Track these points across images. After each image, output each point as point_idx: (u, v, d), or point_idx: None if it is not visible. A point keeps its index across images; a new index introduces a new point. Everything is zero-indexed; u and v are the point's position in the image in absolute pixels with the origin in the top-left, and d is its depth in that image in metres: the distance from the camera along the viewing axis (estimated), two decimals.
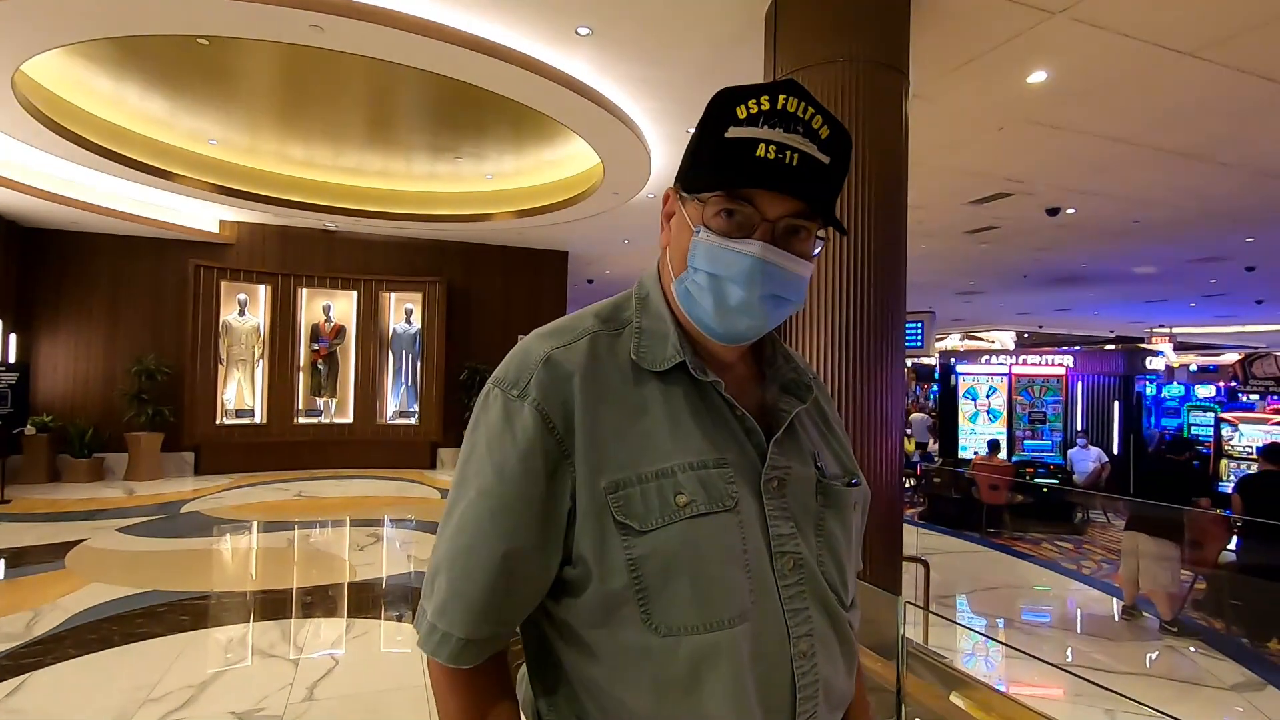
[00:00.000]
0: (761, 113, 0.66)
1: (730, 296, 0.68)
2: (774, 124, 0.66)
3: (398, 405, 9.54)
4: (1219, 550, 5.44)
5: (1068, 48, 3.79)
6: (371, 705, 2.96)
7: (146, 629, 3.68)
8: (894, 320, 3.05)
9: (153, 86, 5.64)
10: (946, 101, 4.52)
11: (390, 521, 6.49)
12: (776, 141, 0.65)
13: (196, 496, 7.26)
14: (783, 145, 0.65)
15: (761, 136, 0.66)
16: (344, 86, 5.59)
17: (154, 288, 8.57)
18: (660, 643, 0.64)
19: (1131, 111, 4.61)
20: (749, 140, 0.66)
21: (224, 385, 8.65)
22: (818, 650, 0.69)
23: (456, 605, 0.67)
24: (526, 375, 0.69)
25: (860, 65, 2.99)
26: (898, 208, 3.09)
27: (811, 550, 0.72)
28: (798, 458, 0.75)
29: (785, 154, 0.65)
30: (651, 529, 0.64)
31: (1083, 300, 13.47)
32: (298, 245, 9.09)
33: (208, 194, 7.27)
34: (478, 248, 9.84)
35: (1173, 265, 9.69)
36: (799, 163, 0.66)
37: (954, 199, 6.84)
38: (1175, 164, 5.58)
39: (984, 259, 9.68)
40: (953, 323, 18.32)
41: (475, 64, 4.17)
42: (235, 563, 5.27)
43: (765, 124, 0.66)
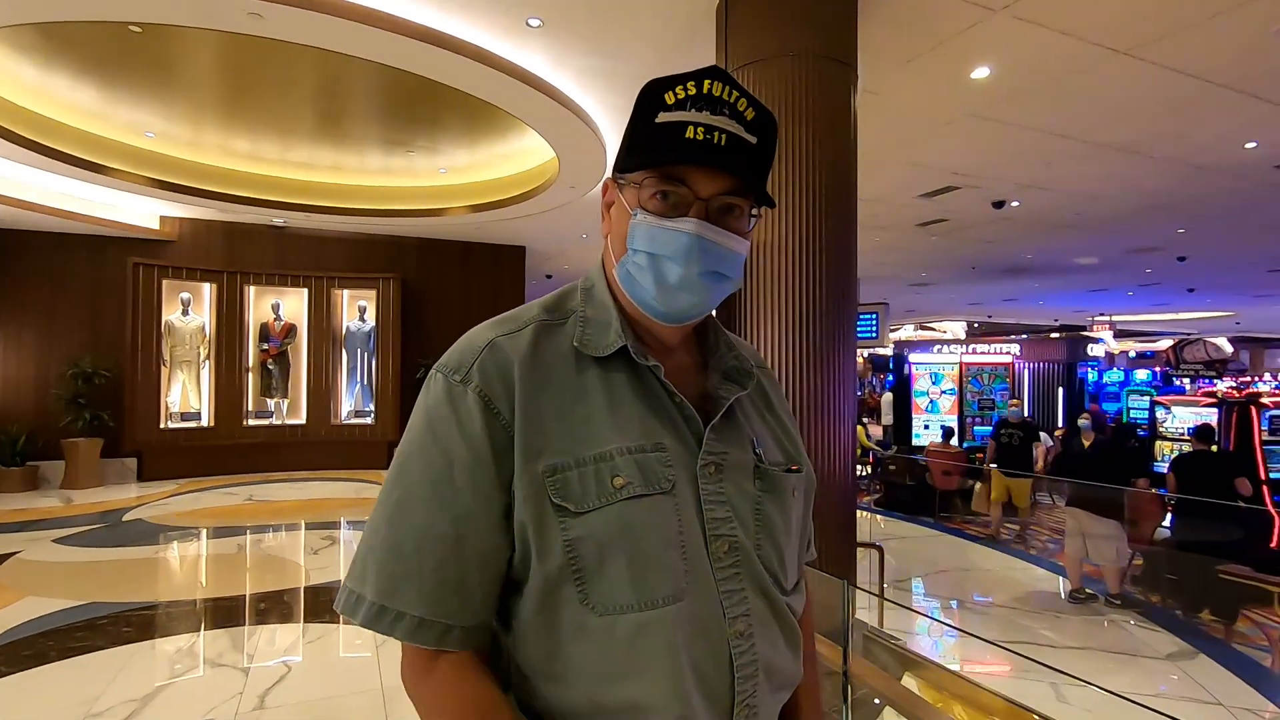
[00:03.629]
0: (689, 97, 0.69)
1: (669, 274, 0.71)
2: (701, 107, 0.69)
3: (353, 405, 9.33)
4: (1154, 527, 5.70)
5: (1010, 44, 3.90)
6: (326, 711, 2.90)
7: (86, 642, 3.52)
8: (846, 311, 3.10)
9: (84, 76, 5.38)
10: (895, 96, 4.61)
11: (347, 524, 6.35)
12: (704, 123, 0.68)
13: (140, 504, 6.98)
14: (711, 126, 0.68)
15: (690, 119, 0.68)
16: (291, 78, 5.42)
17: (91, 287, 8.20)
18: (598, 622, 0.65)
19: (1071, 107, 4.77)
20: (678, 123, 0.69)
21: (168, 388, 8.32)
22: (756, 631, 0.71)
23: (409, 586, 0.65)
24: (470, 360, 0.70)
25: (809, 59, 3.03)
26: (848, 200, 3.14)
27: (749, 535, 0.73)
28: (736, 444, 0.77)
29: (714, 134, 0.68)
30: (588, 510, 0.66)
31: (1028, 290, 13.93)
32: (244, 242, 8.79)
33: (146, 189, 6.98)
34: (433, 243, 9.67)
35: (1111, 256, 10.09)
36: (727, 142, 0.69)
37: (905, 192, 6.99)
38: (1113, 158, 5.80)
39: (935, 251, 9.93)
40: (906, 314, 18.76)
41: (424, 55, 4.09)
42: (183, 571, 5.09)
43: (693, 107, 0.69)
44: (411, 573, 0.66)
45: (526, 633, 0.68)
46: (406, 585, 0.65)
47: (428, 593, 0.65)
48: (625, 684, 0.64)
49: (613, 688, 0.65)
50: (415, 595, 0.65)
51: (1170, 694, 3.75)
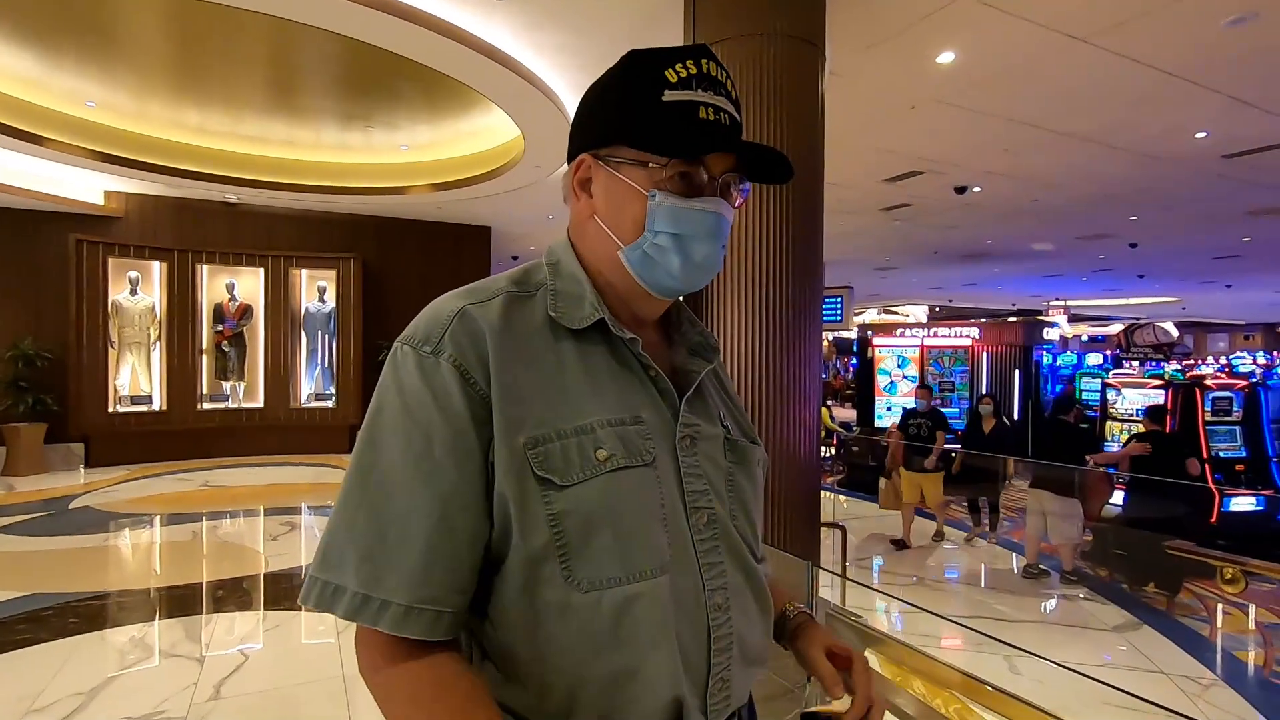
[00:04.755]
0: (692, 76, 0.70)
1: (696, 253, 0.72)
2: (706, 87, 0.70)
3: (313, 388, 9.11)
4: (1102, 504, 5.91)
5: (975, 29, 3.93)
6: (285, 699, 2.84)
7: (28, 634, 3.39)
8: (812, 293, 3.11)
9: (16, 39, 5.07)
10: (862, 79, 4.62)
11: (307, 509, 6.22)
12: (713, 104, 0.70)
13: (87, 491, 6.73)
14: (718, 107, 0.70)
15: (699, 100, 0.70)
16: (242, 47, 5.19)
17: (29, 265, 7.80)
18: (582, 599, 0.63)
19: (1032, 95, 4.84)
20: (689, 103, 0.69)
21: (116, 370, 8.00)
22: (732, 604, 0.71)
23: (394, 572, 0.61)
24: (439, 331, 0.67)
25: (778, 39, 3.00)
26: (814, 182, 3.14)
27: (725, 506, 0.74)
28: (706, 417, 0.78)
29: (721, 115, 0.70)
30: (573, 483, 0.64)
31: (988, 275, 14.25)
32: (196, 219, 8.46)
33: (88, 161, 6.64)
34: (394, 222, 9.44)
35: (1066, 242, 10.36)
36: (730, 123, 0.71)
37: (870, 176, 7.05)
38: (1071, 146, 5.92)
39: (898, 235, 10.07)
40: (870, 297, 19.04)
41: (384, 26, 3.94)
42: (134, 559, 4.93)
43: (699, 88, 0.70)
44: (397, 558, 0.62)
45: (503, 615, 0.65)
46: (391, 572, 0.61)
47: (416, 578, 0.61)
48: (613, 655, 0.63)
49: (599, 661, 0.63)
50: (402, 582, 0.61)
51: (1116, 664, 3.91)
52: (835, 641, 0.83)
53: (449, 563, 0.63)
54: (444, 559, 0.62)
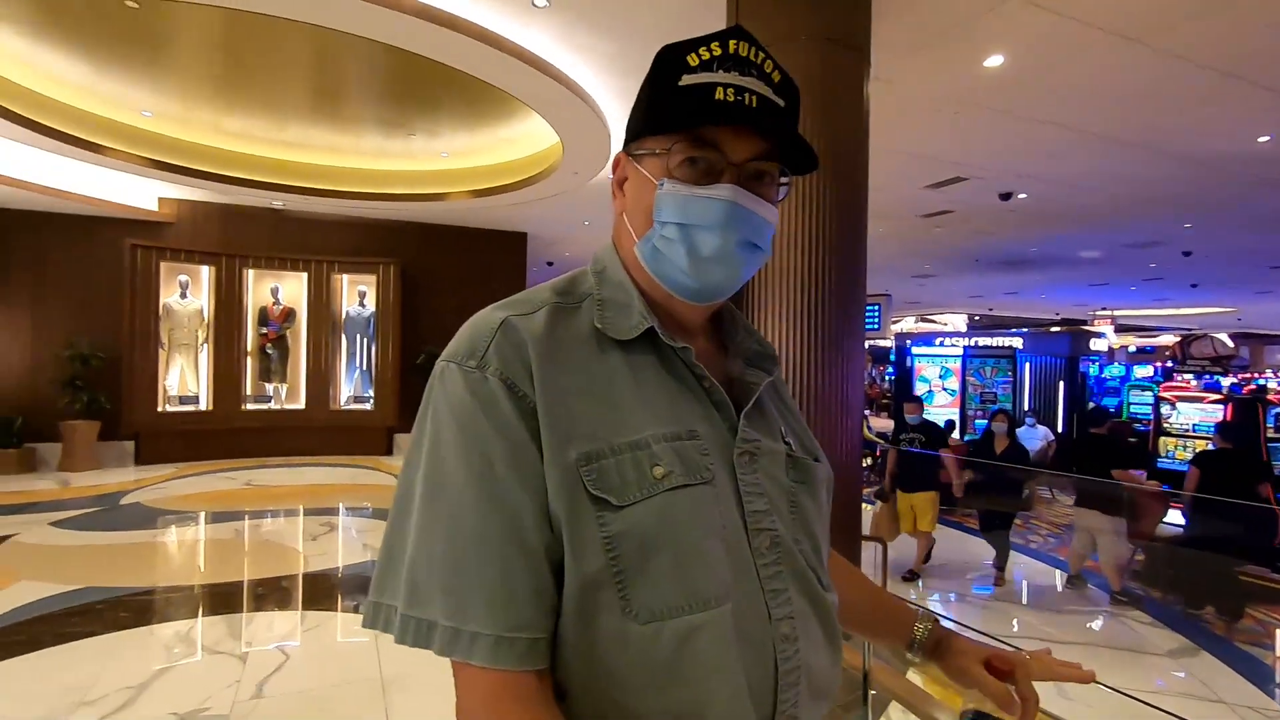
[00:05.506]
0: (715, 58, 0.65)
1: (703, 246, 0.66)
2: (729, 68, 0.65)
3: (352, 390, 9.28)
4: (1156, 522, 5.68)
5: (1024, 32, 3.82)
6: (324, 700, 2.87)
7: (81, 628, 3.49)
8: (854, 302, 3.05)
9: (78, 52, 5.28)
10: (905, 84, 4.53)
11: (345, 510, 6.33)
12: (734, 84, 0.64)
13: (138, 487, 6.95)
14: (740, 88, 0.64)
15: (718, 80, 0.64)
16: (289, 56, 5.32)
17: (86, 269, 8.11)
18: (640, 630, 0.59)
19: (1083, 98, 4.70)
20: (706, 85, 0.64)
21: (165, 371, 8.26)
22: (800, 634, 0.66)
23: (478, 601, 0.58)
24: (483, 344, 0.64)
25: (822, 43, 2.95)
26: (858, 188, 3.08)
27: (787, 528, 0.69)
28: (767, 432, 0.73)
29: (744, 96, 0.64)
30: (629, 503, 0.60)
31: (1031, 283, 13.88)
32: (243, 224, 8.70)
33: (143, 169, 6.88)
34: (433, 228, 9.58)
35: (1115, 250, 10.03)
36: (758, 104, 0.65)
37: (910, 182, 6.92)
38: (1123, 151, 5.73)
39: (938, 242, 9.87)
40: (908, 305, 18.71)
41: (425, 34, 4.00)
42: (180, 556, 5.06)
43: (720, 68, 0.65)
44: (477, 586, 0.58)
45: (563, 642, 0.61)
46: (475, 601, 0.58)
47: (500, 605, 0.58)
48: (674, 690, 0.59)
49: (660, 696, 0.59)
50: (487, 610, 0.57)
51: (1171, 690, 3.74)
52: (995, 652, 0.79)
53: (531, 582, 0.59)
54: (525, 579, 0.59)
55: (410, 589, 0.60)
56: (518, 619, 0.58)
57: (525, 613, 0.58)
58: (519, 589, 0.58)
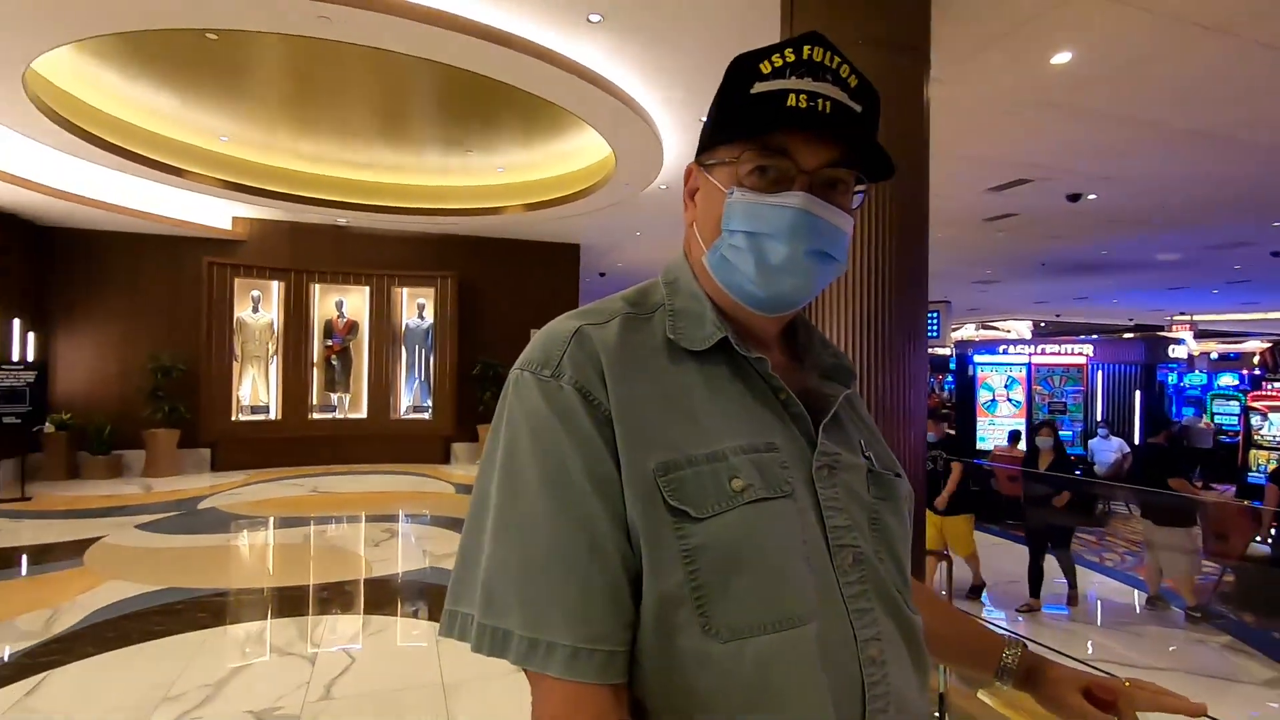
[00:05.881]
0: (788, 64, 0.64)
1: (772, 254, 0.65)
2: (802, 74, 0.64)
3: (411, 400, 9.54)
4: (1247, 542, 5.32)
5: (1093, 26, 3.68)
6: (388, 703, 2.94)
7: (164, 626, 3.68)
8: (916, 310, 2.97)
9: (163, 82, 5.63)
10: (966, 85, 4.41)
11: (405, 517, 6.49)
12: (807, 90, 0.63)
13: (213, 492, 7.30)
14: (814, 94, 0.63)
15: (791, 87, 0.63)
16: (353, 80, 5.55)
17: (168, 285, 8.61)
18: (722, 650, 0.57)
19: (1157, 92, 4.48)
20: (778, 92, 0.63)
21: (239, 382, 8.69)
22: (888, 657, 0.63)
23: (554, 611, 0.57)
24: (558, 353, 0.63)
25: (880, 48, 2.90)
26: (919, 194, 3.01)
27: (869, 545, 0.67)
28: (846, 446, 0.71)
29: (817, 102, 0.63)
30: (709, 515, 0.59)
31: (1102, 288, 13.25)
32: (310, 241, 9.09)
33: (220, 191, 7.28)
34: (489, 241, 9.80)
35: (1195, 251, 9.49)
36: (832, 110, 0.63)
37: (971, 186, 6.72)
38: (1200, 147, 5.43)
39: (1001, 247, 9.53)
40: (968, 312, 18.12)
41: (485, 54, 4.11)
42: (252, 559, 5.29)
43: (793, 74, 0.64)
44: (554, 596, 0.57)
45: (641, 659, 0.59)
46: (552, 611, 0.57)
47: (577, 615, 0.57)
48: (757, 714, 0.57)
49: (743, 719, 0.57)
50: (564, 621, 0.56)
51: None
52: (1094, 680, 0.75)
53: (608, 593, 0.58)
54: (601, 590, 0.58)
55: (486, 598, 0.59)
56: (595, 630, 0.57)
57: (603, 624, 0.57)
58: (596, 600, 0.57)
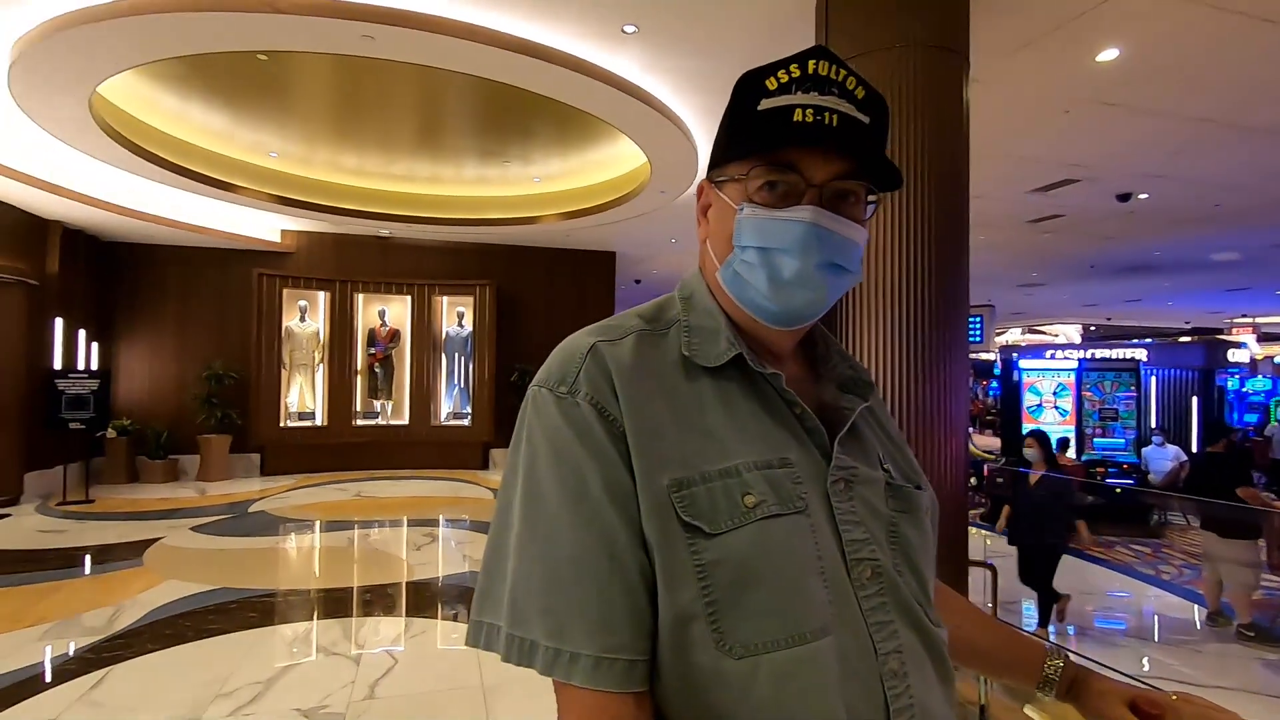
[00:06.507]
0: (793, 80, 0.65)
1: (784, 269, 0.65)
2: (807, 89, 0.64)
3: (451, 407, 9.71)
4: None
5: (1142, 21, 3.57)
6: (430, 704, 3.00)
7: (218, 625, 3.82)
8: (956, 315, 2.92)
9: (215, 102, 5.87)
10: (1008, 85, 4.32)
11: (445, 521, 6.61)
12: (813, 105, 0.64)
13: (263, 496, 7.54)
14: (820, 107, 0.64)
15: (797, 102, 0.64)
16: (394, 95, 5.71)
17: (220, 296, 8.95)
18: (735, 666, 0.57)
19: (1212, 88, 4.32)
20: (784, 108, 0.64)
21: (287, 389, 8.96)
22: (910, 670, 0.63)
23: (577, 622, 0.58)
24: (574, 370, 0.65)
25: (918, 49, 2.87)
26: (959, 197, 2.96)
27: (888, 558, 0.66)
28: (864, 459, 0.71)
29: (824, 115, 0.64)
30: (722, 531, 0.60)
31: (1155, 290, 12.76)
32: (354, 252, 9.35)
33: (269, 205, 7.54)
34: (526, 250, 9.94)
35: (1257, 251, 9.08)
36: (839, 123, 0.64)
37: (1015, 187, 6.56)
38: (1261, 142, 5.21)
39: (1047, 249, 9.27)
40: (1013, 316, 17.63)
41: (522, 66, 4.19)
42: (299, 561, 5.44)
43: (799, 90, 0.64)
44: (575, 607, 0.58)
45: (660, 674, 0.60)
46: (575, 622, 0.58)
47: (599, 626, 0.58)
48: None
49: None
50: (586, 631, 0.58)
51: None
52: (1141, 693, 0.74)
53: (627, 604, 0.59)
54: (621, 602, 0.59)
55: (512, 608, 0.60)
56: (615, 641, 0.58)
57: (624, 635, 0.58)
58: (616, 611, 0.58)
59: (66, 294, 7.67)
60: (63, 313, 7.59)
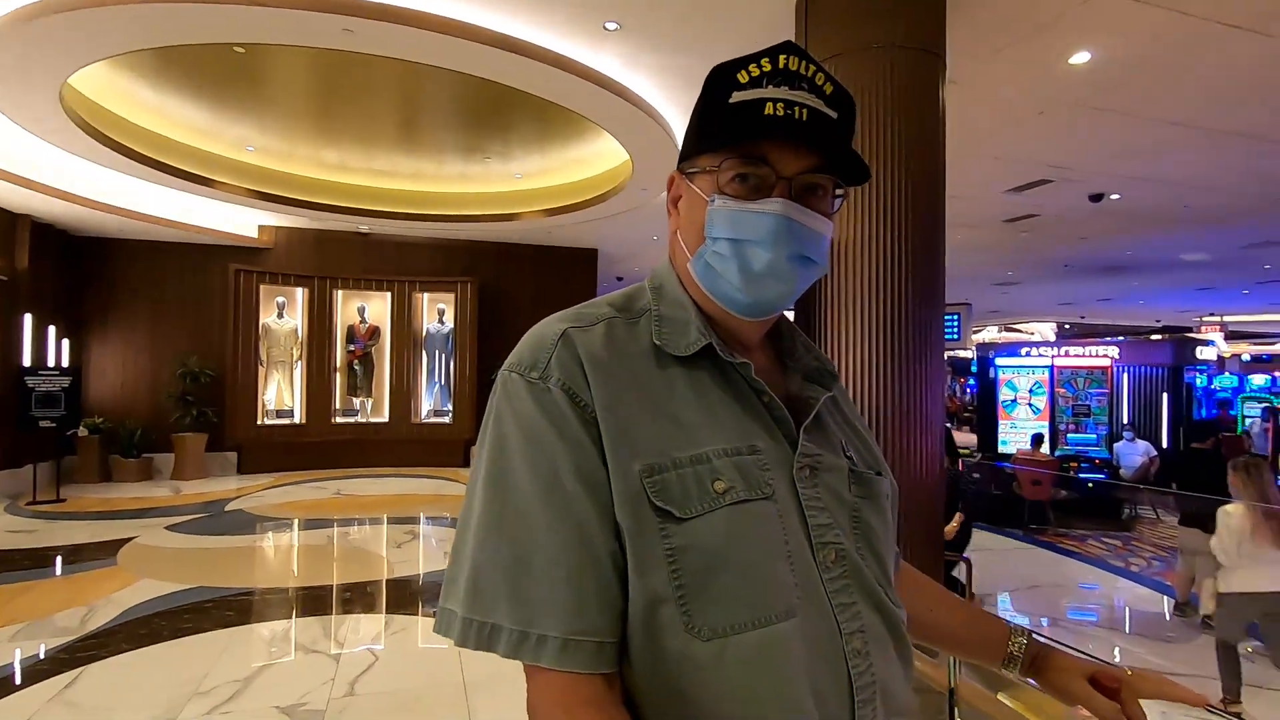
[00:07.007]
0: (764, 74, 0.66)
1: (755, 261, 0.66)
2: (778, 82, 0.65)
3: (432, 404, 9.66)
4: None
5: (1114, 26, 3.65)
6: (410, 701, 2.99)
7: (194, 624, 3.78)
8: (932, 313, 2.97)
9: (192, 95, 5.78)
10: (984, 86, 4.40)
11: (426, 519, 6.58)
12: (784, 99, 0.65)
13: (240, 495, 7.45)
14: (790, 102, 0.65)
15: (768, 95, 0.65)
16: (375, 90, 5.66)
17: (197, 292, 8.81)
18: (704, 648, 0.59)
19: (1183, 91, 4.43)
20: (755, 101, 0.65)
21: (264, 386, 8.85)
22: (872, 649, 0.65)
23: (547, 605, 0.59)
24: (545, 356, 0.65)
25: (896, 51, 2.92)
26: (935, 196, 3.01)
27: (851, 542, 0.68)
28: (828, 447, 0.73)
29: (794, 109, 0.65)
30: (692, 516, 0.60)
31: (1127, 289, 13.04)
32: (333, 248, 9.25)
33: (247, 200, 7.44)
34: (508, 247, 9.91)
35: (1225, 251, 9.31)
36: (809, 118, 0.65)
37: (991, 187, 6.67)
38: (1230, 145, 5.35)
39: (1023, 248, 9.43)
40: (990, 314, 17.91)
41: (503, 63, 4.18)
42: (277, 560, 5.39)
43: (769, 84, 0.65)
44: (546, 591, 0.59)
45: (630, 657, 0.61)
46: (544, 605, 0.59)
47: (568, 609, 0.59)
48: (745, 711, 0.59)
49: (732, 717, 0.59)
50: (555, 614, 0.58)
51: None
52: (1100, 668, 0.77)
53: (597, 589, 0.60)
54: (592, 586, 0.60)
55: (472, 593, 0.61)
56: (585, 623, 0.58)
57: (592, 617, 0.59)
58: (586, 593, 0.59)
59: (36, 290, 7.51)
60: (33, 309, 7.43)
